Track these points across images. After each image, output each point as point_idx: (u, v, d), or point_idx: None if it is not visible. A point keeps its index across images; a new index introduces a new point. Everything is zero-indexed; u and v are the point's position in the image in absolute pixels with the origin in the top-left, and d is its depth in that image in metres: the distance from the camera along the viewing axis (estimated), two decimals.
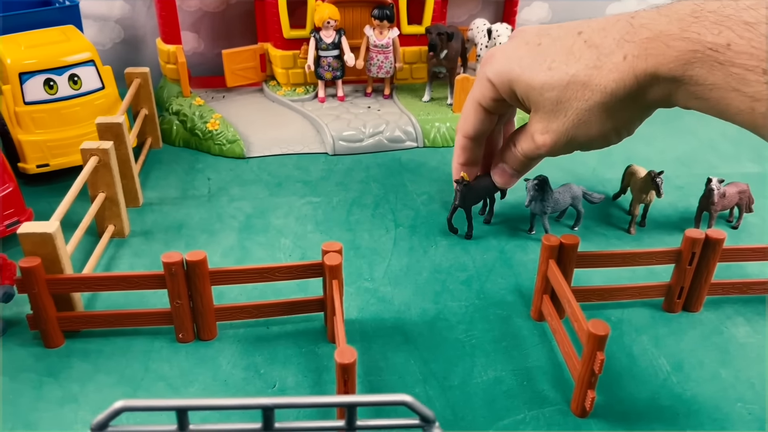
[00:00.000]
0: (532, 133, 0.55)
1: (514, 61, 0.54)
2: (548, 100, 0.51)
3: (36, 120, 0.88)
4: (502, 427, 0.58)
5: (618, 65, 0.47)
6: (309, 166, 1.01)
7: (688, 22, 0.44)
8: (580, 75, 0.49)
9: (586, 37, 0.49)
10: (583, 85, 0.49)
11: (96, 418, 0.41)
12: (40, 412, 0.58)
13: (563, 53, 0.50)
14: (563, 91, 0.50)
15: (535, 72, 0.52)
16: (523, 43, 0.54)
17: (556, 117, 0.51)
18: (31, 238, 0.61)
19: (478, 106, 0.60)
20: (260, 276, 0.65)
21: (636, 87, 0.47)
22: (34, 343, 0.66)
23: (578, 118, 0.50)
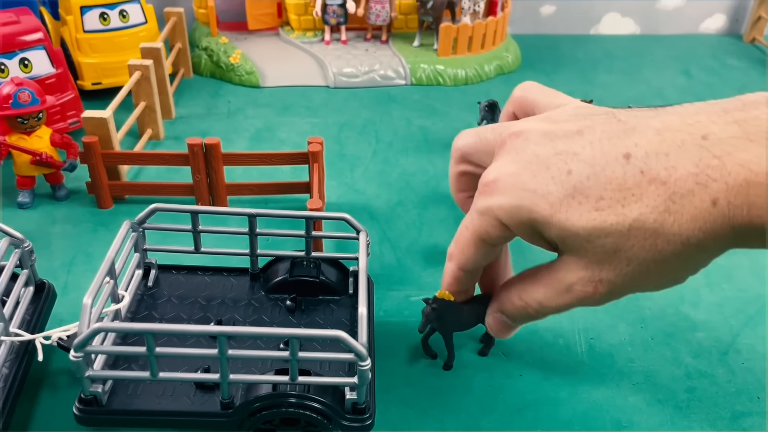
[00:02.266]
0: (570, 283, 0.42)
1: (535, 195, 0.40)
2: (600, 248, 0.39)
3: (92, 45, 1.09)
4: (431, 272, 0.78)
5: (705, 212, 0.36)
6: (312, 95, 1.21)
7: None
8: (646, 221, 0.37)
9: (642, 165, 0.37)
10: (653, 234, 0.37)
11: (137, 216, 0.62)
12: (95, 247, 0.80)
13: (614, 188, 0.38)
14: (623, 239, 0.38)
15: (575, 213, 0.39)
16: (541, 168, 0.41)
17: (610, 266, 0.39)
18: (91, 122, 0.83)
19: (479, 241, 0.47)
20: (260, 160, 0.86)
21: (732, 237, 0.36)
22: (91, 206, 0.88)
23: (646, 268, 0.39)
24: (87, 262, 0.77)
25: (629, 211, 0.37)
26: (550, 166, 0.40)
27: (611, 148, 0.39)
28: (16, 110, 0.79)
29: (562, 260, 0.42)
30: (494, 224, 0.44)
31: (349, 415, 0.52)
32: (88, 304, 0.50)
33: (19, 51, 0.92)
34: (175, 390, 0.54)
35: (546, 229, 0.40)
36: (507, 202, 0.42)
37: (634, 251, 0.38)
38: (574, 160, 0.39)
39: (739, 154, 0.35)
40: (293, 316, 0.63)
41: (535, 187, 0.40)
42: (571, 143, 0.40)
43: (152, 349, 0.48)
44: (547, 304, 0.45)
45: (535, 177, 0.40)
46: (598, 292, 0.41)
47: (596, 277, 0.40)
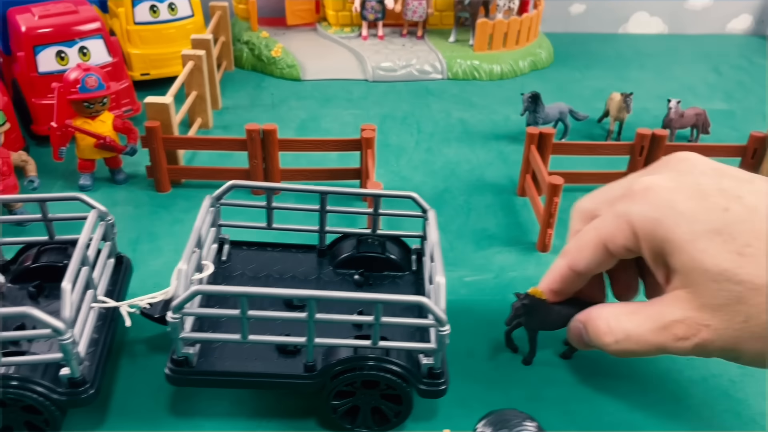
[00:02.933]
0: (672, 320, 0.39)
1: (681, 216, 0.38)
2: (725, 293, 0.37)
3: (142, 37, 1.13)
4: (483, 255, 0.81)
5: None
6: (352, 88, 1.24)
7: None
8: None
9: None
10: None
11: (214, 193, 0.65)
12: (157, 227, 0.83)
13: (765, 241, 0.36)
14: (753, 294, 0.36)
15: (715, 249, 0.37)
16: (699, 194, 0.39)
17: (725, 315, 0.37)
18: (153, 107, 0.86)
19: (601, 245, 0.44)
20: (315, 146, 0.88)
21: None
22: (149, 189, 0.91)
23: (759, 332, 0.37)
24: (151, 241, 0.80)
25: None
26: (708, 197, 0.38)
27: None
28: (84, 95, 0.82)
29: (673, 295, 0.39)
30: (625, 231, 0.41)
31: (426, 379, 0.55)
32: (184, 269, 0.53)
33: (78, 40, 0.96)
34: (258, 353, 0.56)
35: (676, 255, 0.38)
36: (649, 213, 0.39)
37: (757, 310, 0.35)
38: (736, 202, 0.37)
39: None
40: (361, 290, 0.65)
41: (685, 209, 0.38)
42: (739, 186, 0.39)
43: (245, 311, 0.51)
44: (634, 336, 0.41)
45: (689, 201, 0.38)
46: (698, 338, 0.38)
47: (705, 321, 0.37)
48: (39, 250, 0.64)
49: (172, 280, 0.59)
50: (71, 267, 0.53)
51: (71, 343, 0.50)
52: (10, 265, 0.65)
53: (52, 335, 0.50)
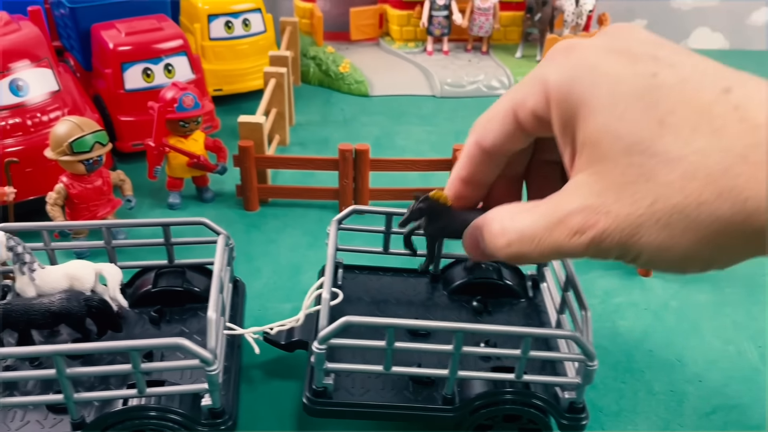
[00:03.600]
0: (569, 212, 0.33)
1: (602, 77, 0.33)
2: (632, 168, 0.31)
3: (216, 53, 1.13)
4: (586, 279, 0.79)
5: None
6: (421, 104, 1.23)
7: None
8: (710, 160, 0.29)
9: (738, 101, 0.30)
10: (708, 179, 0.29)
11: (336, 216, 0.64)
12: (252, 247, 0.82)
13: (693, 110, 0.30)
14: (668, 168, 0.30)
15: (631, 115, 0.31)
16: (625, 58, 0.33)
17: (630, 197, 0.31)
18: (247, 126, 0.85)
19: (512, 114, 0.37)
20: (406, 166, 0.88)
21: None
22: (237, 207, 0.90)
23: (665, 219, 0.30)
24: (248, 262, 0.80)
25: (696, 142, 0.29)
26: (638, 61, 0.32)
27: (713, 75, 0.31)
28: (181, 114, 0.82)
29: (574, 181, 0.33)
30: (537, 93, 0.34)
31: (568, 413, 0.53)
32: (328, 299, 0.52)
33: (164, 57, 0.95)
34: (394, 384, 0.55)
35: (589, 120, 0.32)
36: (567, 72, 0.33)
37: (670, 189, 0.29)
38: (668, 69, 0.32)
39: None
40: (480, 317, 0.64)
41: (608, 70, 0.32)
42: (676, 56, 0.32)
43: (392, 343, 0.50)
44: (528, 235, 0.35)
45: (615, 63, 0.32)
46: (595, 228, 0.31)
47: (605, 207, 0.31)
48: (156, 273, 0.64)
49: (305, 304, 0.58)
50: (213, 295, 0.52)
51: (217, 374, 0.49)
52: (126, 288, 0.64)
53: (199, 366, 0.49)
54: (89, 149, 0.73)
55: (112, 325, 0.58)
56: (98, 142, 0.74)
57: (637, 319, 0.73)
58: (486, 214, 0.39)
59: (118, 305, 0.60)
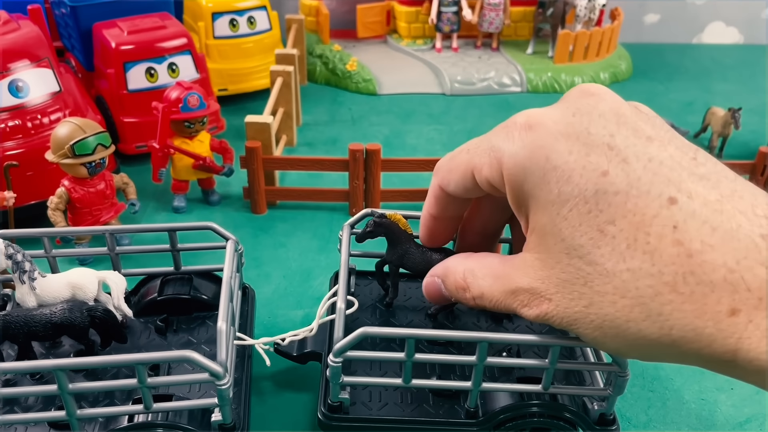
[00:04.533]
0: (516, 288, 0.36)
1: (551, 175, 0.33)
2: (570, 270, 0.32)
3: (221, 52, 1.10)
4: None
5: (718, 319, 0.28)
6: (430, 102, 1.20)
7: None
8: (640, 284, 0.30)
9: (679, 220, 0.30)
10: (637, 302, 0.30)
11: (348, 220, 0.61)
12: (260, 252, 0.80)
13: (633, 224, 0.30)
14: (599, 280, 0.31)
15: (575, 220, 0.32)
16: (580, 146, 0.33)
17: (568, 296, 0.33)
18: (254, 126, 0.82)
19: (470, 173, 0.38)
20: (419, 166, 0.85)
21: (728, 360, 0.29)
22: (245, 210, 0.87)
23: (598, 324, 0.32)
24: (257, 267, 0.77)
25: (631, 256, 0.29)
26: (592, 152, 0.32)
27: (664, 180, 0.30)
28: (186, 114, 0.79)
29: (523, 259, 0.35)
30: (492, 168, 0.35)
31: (598, 425, 0.51)
32: (343, 309, 0.49)
33: (168, 56, 0.93)
34: (413, 398, 0.52)
35: (538, 214, 0.33)
36: (520, 159, 0.33)
37: (603, 299, 0.30)
38: (619, 166, 0.31)
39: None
40: (501, 323, 0.61)
41: (560, 164, 0.32)
42: (632, 144, 0.32)
43: (412, 354, 0.47)
44: (488, 296, 0.38)
45: (569, 154, 0.32)
46: (539, 309, 0.34)
47: (547, 295, 0.33)
48: (162, 281, 0.61)
49: (319, 313, 0.55)
50: (223, 304, 0.49)
51: (228, 388, 0.47)
52: (131, 296, 0.61)
53: (209, 380, 0.46)
54: (91, 152, 0.71)
55: (116, 335, 0.55)
56: (101, 144, 0.71)
57: None
58: (446, 263, 0.43)
59: (122, 315, 0.57)
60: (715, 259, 0.28)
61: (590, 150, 0.32)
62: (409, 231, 0.58)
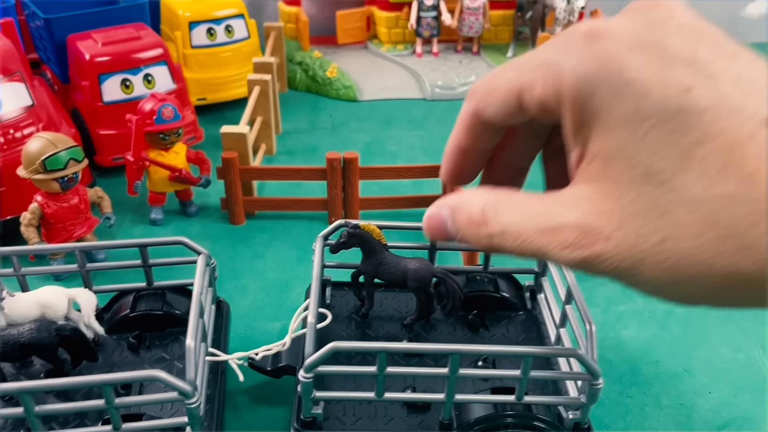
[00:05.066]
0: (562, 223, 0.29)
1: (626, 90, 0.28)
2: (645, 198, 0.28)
3: (199, 61, 1.09)
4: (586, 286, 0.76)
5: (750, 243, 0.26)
6: (411, 108, 1.20)
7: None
8: (736, 211, 0.26)
9: None
10: (728, 230, 0.26)
11: (322, 232, 0.60)
12: (238, 263, 0.79)
13: (725, 145, 0.26)
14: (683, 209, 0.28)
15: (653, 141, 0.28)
16: (660, 60, 0.28)
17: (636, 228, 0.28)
18: (230, 137, 0.82)
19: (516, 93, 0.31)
20: (398, 173, 0.84)
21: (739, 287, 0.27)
22: (223, 221, 0.87)
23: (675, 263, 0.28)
24: (234, 279, 0.76)
25: (723, 181, 0.27)
26: (673, 67, 0.28)
27: (756, 98, 0.27)
28: (161, 126, 0.79)
29: (575, 191, 0.30)
30: (549, 84, 0.30)
31: None
32: (313, 323, 0.49)
33: (143, 67, 0.92)
34: (387, 411, 0.52)
35: (605, 136, 0.29)
36: (587, 72, 0.29)
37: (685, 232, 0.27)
38: (705, 83, 0.27)
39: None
40: (477, 332, 0.61)
41: (636, 78, 0.28)
42: (717, 60, 0.29)
43: (383, 368, 0.47)
44: (513, 234, 0.30)
45: (646, 67, 0.28)
46: (591, 250, 0.28)
47: (606, 232, 0.28)
48: (135, 296, 0.60)
49: (291, 327, 0.55)
50: (192, 321, 0.49)
51: (197, 407, 0.46)
52: (104, 313, 0.61)
53: (178, 399, 0.46)
54: (63, 166, 0.70)
55: (86, 354, 0.55)
56: (73, 159, 0.71)
57: (641, 328, 0.70)
58: (461, 195, 0.33)
59: (93, 333, 0.57)
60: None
61: (670, 64, 0.27)
62: (383, 241, 0.59)
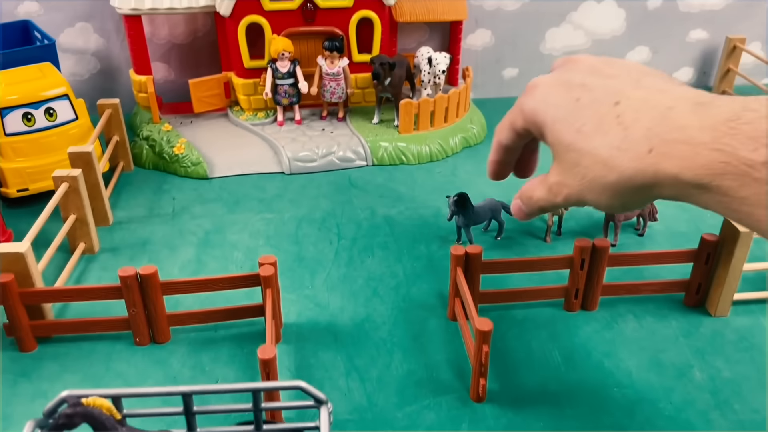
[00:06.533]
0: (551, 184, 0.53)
1: (549, 106, 0.51)
2: (568, 160, 0.49)
3: (16, 149, 0.98)
4: (408, 412, 0.68)
5: (642, 156, 0.45)
6: (266, 184, 1.11)
7: (722, 132, 0.42)
8: (602, 151, 0.47)
9: (620, 111, 0.47)
10: (602, 162, 0.47)
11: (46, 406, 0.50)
12: (14, 406, 0.68)
13: (595, 121, 0.48)
14: (583, 158, 0.48)
15: (564, 129, 0.50)
16: (564, 89, 0.51)
17: (573, 177, 0.50)
18: (5, 257, 0.72)
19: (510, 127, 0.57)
20: (205, 286, 0.75)
21: (654, 181, 0.45)
22: (11, 348, 0.76)
23: (591, 186, 0.49)
24: (4, 429, 0.66)
25: (594, 140, 0.47)
26: (570, 90, 0.50)
27: (613, 94, 0.48)
28: None
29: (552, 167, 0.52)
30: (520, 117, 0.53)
31: None
32: None
33: None
34: None
35: (547, 134, 0.51)
36: (531, 104, 0.52)
37: (588, 171, 0.48)
38: (587, 94, 0.49)
39: (681, 121, 0.43)
40: None
41: (552, 101, 0.50)
42: (596, 81, 0.50)
43: None
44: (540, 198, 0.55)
45: (557, 94, 0.51)
46: (561, 194, 0.51)
47: (563, 183, 0.50)
48: None
49: None
50: None
51: None
52: None
53: None
54: None
55: None
56: None
57: None
58: (521, 189, 0.56)
59: None
60: (641, 126, 0.44)
61: (569, 89, 0.49)
62: (116, 416, 0.49)
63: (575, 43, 1.42)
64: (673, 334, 0.78)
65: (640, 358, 0.75)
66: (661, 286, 0.83)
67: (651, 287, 0.83)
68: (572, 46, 1.42)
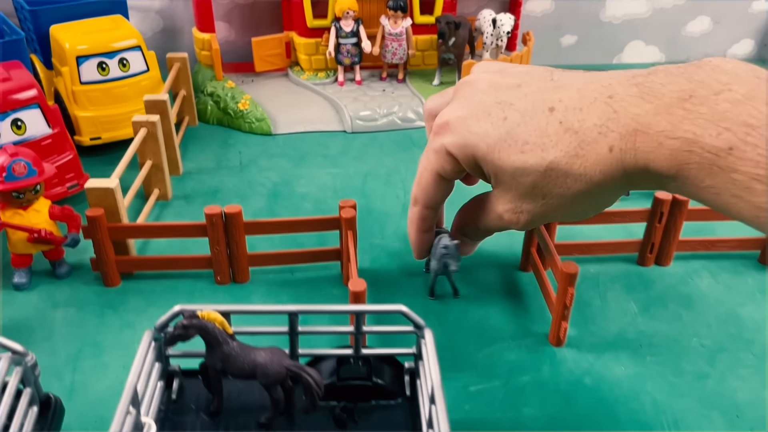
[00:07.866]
0: (500, 213, 0.51)
1: (477, 136, 0.48)
2: (523, 185, 0.47)
3: (90, 98, 1.00)
4: (488, 353, 0.69)
5: (604, 157, 0.42)
6: (329, 142, 1.12)
7: (679, 116, 0.39)
8: (559, 163, 0.44)
9: (561, 117, 0.44)
10: (563, 174, 0.44)
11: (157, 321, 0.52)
12: (103, 335, 0.70)
13: (536, 135, 0.45)
14: (541, 178, 0.45)
15: (505, 153, 0.46)
16: (482, 114, 0.48)
17: (531, 200, 0.47)
18: (95, 192, 0.73)
19: (437, 177, 0.54)
20: (287, 227, 0.76)
21: (624, 179, 0.43)
22: (96, 283, 0.78)
23: (558, 202, 0.46)
24: (95, 356, 0.68)
25: (546, 154, 0.44)
26: (491, 113, 0.48)
27: (540, 101, 0.46)
28: (11, 184, 0.70)
29: (494, 193, 0.50)
30: (448, 159, 0.51)
31: None
32: None
33: (11, 112, 0.83)
34: None
35: (484, 165, 0.49)
36: (456, 141, 0.49)
37: (550, 189, 0.46)
38: (510, 110, 0.47)
39: (632, 109, 0.41)
40: (344, 429, 0.53)
41: (478, 130, 0.48)
42: (510, 94, 0.48)
43: None
44: (488, 226, 0.55)
45: (478, 121, 0.48)
46: (520, 221, 0.50)
47: (519, 209, 0.49)
48: None
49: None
50: None
51: None
52: None
53: None
54: None
55: None
56: None
57: (544, 404, 0.63)
58: (456, 224, 0.63)
59: None
60: (589, 125, 0.43)
61: (489, 113, 0.47)
62: (228, 331, 0.51)
63: (636, 12, 1.41)
64: (750, 290, 0.78)
65: (718, 312, 0.75)
66: (737, 243, 0.82)
67: (727, 244, 0.82)
68: (633, 15, 1.40)
